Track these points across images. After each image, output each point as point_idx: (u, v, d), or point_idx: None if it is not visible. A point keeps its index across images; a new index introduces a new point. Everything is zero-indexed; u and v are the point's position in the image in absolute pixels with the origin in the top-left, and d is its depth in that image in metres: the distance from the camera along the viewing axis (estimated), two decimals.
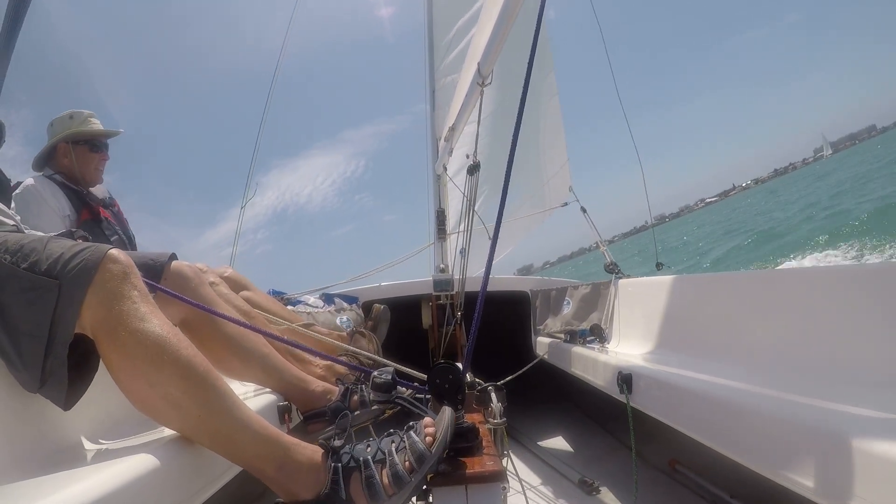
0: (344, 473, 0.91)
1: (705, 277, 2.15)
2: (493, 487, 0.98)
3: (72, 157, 2.20)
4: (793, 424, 0.91)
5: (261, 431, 0.91)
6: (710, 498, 1.72)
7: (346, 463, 0.92)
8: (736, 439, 1.08)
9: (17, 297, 0.84)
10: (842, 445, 0.80)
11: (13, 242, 0.90)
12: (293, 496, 0.90)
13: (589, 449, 2.51)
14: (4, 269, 0.86)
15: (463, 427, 1.07)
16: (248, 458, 0.91)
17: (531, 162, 4.28)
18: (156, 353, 0.84)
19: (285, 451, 0.92)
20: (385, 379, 1.18)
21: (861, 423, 0.82)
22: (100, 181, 2.32)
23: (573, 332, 2.46)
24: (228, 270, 1.96)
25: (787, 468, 0.91)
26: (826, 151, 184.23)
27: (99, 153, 2.28)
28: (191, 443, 0.92)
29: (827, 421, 0.87)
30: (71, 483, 0.68)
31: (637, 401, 1.54)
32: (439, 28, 4.21)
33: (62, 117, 2.24)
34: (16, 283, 0.85)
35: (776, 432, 0.95)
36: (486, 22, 1.91)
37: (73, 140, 2.21)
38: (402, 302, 3.16)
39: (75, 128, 2.22)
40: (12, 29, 1.06)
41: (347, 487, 0.90)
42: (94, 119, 2.29)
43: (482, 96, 2.07)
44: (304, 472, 0.92)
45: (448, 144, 2.96)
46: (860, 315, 1.21)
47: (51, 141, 2.21)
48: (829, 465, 0.83)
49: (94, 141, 2.26)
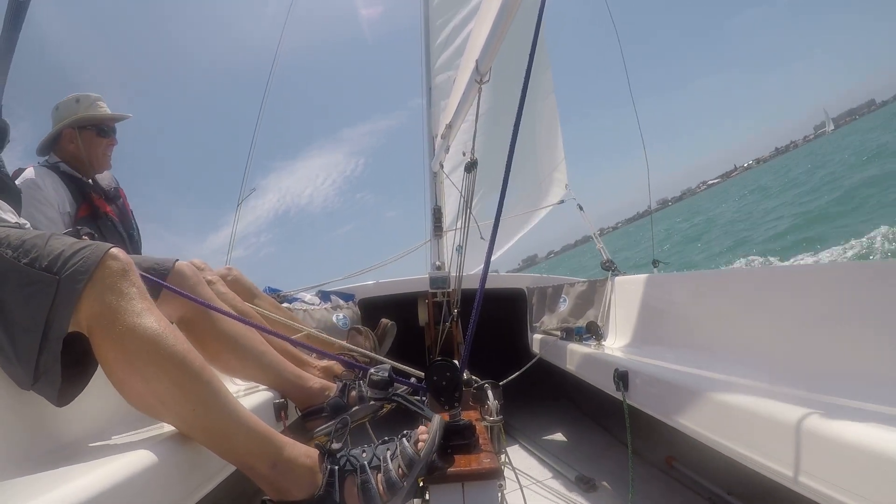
0: (339, 476, 0.91)
1: (701, 275, 2.15)
2: (490, 485, 0.98)
3: (78, 142, 2.12)
4: (789, 421, 0.91)
5: (254, 428, 0.92)
6: (706, 494, 1.73)
7: (343, 466, 0.93)
8: (732, 436, 1.09)
9: (16, 292, 0.85)
10: (839, 442, 0.81)
11: (15, 238, 0.91)
12: (284, 495, 0.90)
13: (585, 446, 2.51)
14: (5, 264, 0.87)
15: (460, 425, 1.07)
16: (240, 455, 0.91)
17: (527, 159, 4.29)
18: (151, 349, 0.85)
19: (279, 450, 0.92)
20: (382, 376, 1.18)
21: (858, 420, 0.82)
22: (108, 167, 2.25)
23: (570, 330, 2.46)
24: (234, 272, 1.95)
25: (783, 465, 0.91)
26: (828, 127, 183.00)
27: (107, 138, 2.19)
28: (186, 441, 0.91)
29: (823, 417, 0.87)
30: (67, 480, 0.68)
31: (633, 398, 1.54)
32: (435, 26, 4.20)
33: (68, 101, 2.15)
34: (15, 278, 0.86)
35: (772, 429, 0.95)
36: (485, 19, 1.91)
37: (80, 125, 2.13)
38: (398, 299, 3.16)
39: (82, 112, 2.13)
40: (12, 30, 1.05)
41: (342, 491, 0.90)
42: (101, 103, 2.20)
43: (480, 94, 2.06)
44: (298, 472, 0.92)
45: (445, 142, 2.96)
46: (858, 312, 1.21)
47: (56, 127, 2.12)
48: (826, 462, 0.83)
49: (101, 125, 2.17)
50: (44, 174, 2.03)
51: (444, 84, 4.05)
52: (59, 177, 2.07)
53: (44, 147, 2.16)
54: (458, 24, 4.00)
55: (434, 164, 3.65)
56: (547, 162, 4.38)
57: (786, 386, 1.12)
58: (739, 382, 1.22)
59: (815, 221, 13.68)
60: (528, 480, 2.10)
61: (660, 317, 2.13)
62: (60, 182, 2.06)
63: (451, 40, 4.04)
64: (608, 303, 2.47)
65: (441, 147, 3.13)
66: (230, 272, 1.92)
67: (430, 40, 4.23)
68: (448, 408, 1.08)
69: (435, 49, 4.19)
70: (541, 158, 4.37)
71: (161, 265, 1.29)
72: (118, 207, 2.26)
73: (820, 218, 13.86)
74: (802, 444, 0.88)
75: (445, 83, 4.01)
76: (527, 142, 4.19)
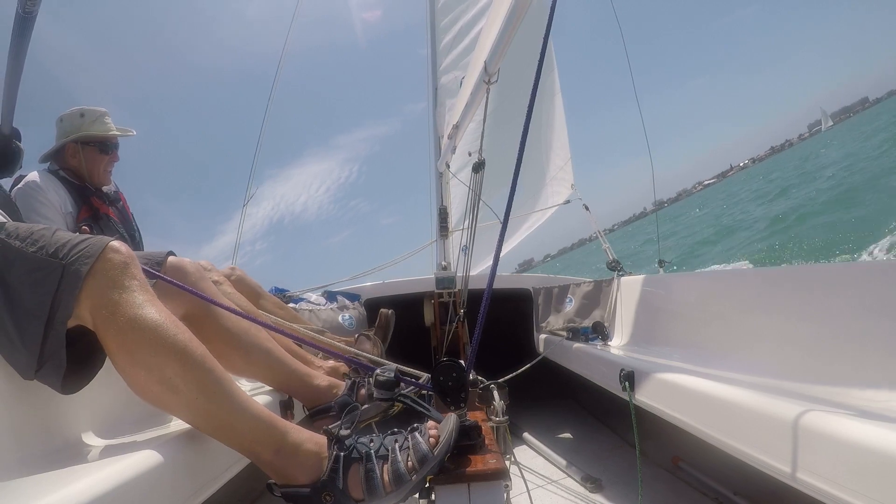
0: (345, 463, 0.91)
1: (707, 275, 2.14)
2: (496, 485, 0.98)
3: (80, 158, 2.15)
4: (796, 421, 0.90)
5: (258, 415, 0.92)
6: (713, 495, 1.72)
7: (349, 453, 0.92)
8: (739, 436, 1.08)
9: (24, 278, 0.89)
10: (846, 442, 0.80)
11: (24, 229, 0.95)
12: (289, 480, 0.90)
13: (591, 446, 2.51)
14: (14, 252, 0.91)
15: (466, 425, 1.07)
16: (245, 442, 0.91)
17: (533, 160, 4.28)
18: (152, 338, 0.86)
19: (283, 435, 0.92)
20: (388, 377, 1.18)
21: (865, 421, 0.82)
22: (108, 183, 2.27)
23: (576, 330, 2.45)
24: (238, 272, 1.95)
25: (790, 465, 0.91)
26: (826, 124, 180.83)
27: (108, 155, 2.22)
28: (192, 441, 0.92)
29: (831, 418, 0.86)
30: (74, 480, 0.68)
31: (640, 398, 1.54)
32: (440, 26, 4.20)
33: (72, 114, 2.17)
34: (24, 265, 0.89)
35: (780, 430, 0.94)
36: (494, 20, 1.91)
37: (83, 141, 2.15)
38: (404, 299, 3.16)
39: (85, 129, 2.15)
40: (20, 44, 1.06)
41: (346, 478, 0.90)
42: (107, 118, 2.22)
43: (488, 94, 2.07)
44: (302, 456, 0.92)
45: (452, 142, 2.96)
46: (863, 313, 1.21)
47: (59, 141, 2.15)
48: (834, 463, 0.83)
49: (104, 143, 2.20)
50: (45, 178, 2.07)
51: (449, 84, 4.05)
52: (60, 181, 2.11)
53: (46, 157, 2.19)
54: (465, 25, 4.00)
55: (440, 165, 3.65)
56: (553, 162, 4.38)
57: (792, 386, 1.11)
58: (746, 382, 1.21)
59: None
60: (535, 481, 2.10)
61: (666, 317, 2.12)
62: (61, 186, 2.10)
63: (459, 40, 4.04)
64: (614, 303, 2.47)
65: (448, 147, 3.13)
66: (234, 272, 1.92)
67: (436, 40, 4.24)
68: (454, 408, 1.08)
69: (441, 49, 4.19)
70: (547, 158, 4.36)
71: (153, 257, 1.28)
72: (118, 210, 2.29)
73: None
74: (810, 444, 0.87)
75: (451, 83, 4.01)
76: (532, 142, 4.19)
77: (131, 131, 2.30)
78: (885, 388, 1.02)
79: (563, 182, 4.36)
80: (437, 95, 4.17)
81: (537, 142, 4.28)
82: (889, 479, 0.72)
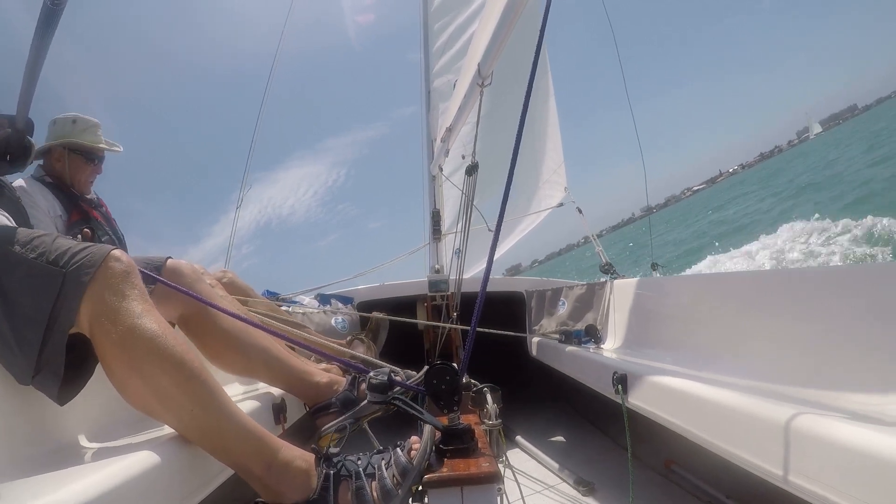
0: (334, 481, 0.92)
1: (700, 278, 2.15)
2: (489, 489, 0.97)
3: (65, 163, 2.19)
4: (788, 424, 0.91)
5: (250, 430, 0.92)
6: (705, 498, 1.73)
7: (338, 471, 0.93)
8: (732, 440, 1.09)
9: (23, 283, 0.89)
10: (838, 445, 0.80)
11: (24, 235, 0.95)
12: (278, 498, 0.91)
13: (584, 449, 2.51)
14: (14, 257, 0.90)
15: (458, 428, 1.06)
16: (235, 456, 0.91)
17: (527, 162, 4.29)
18: (150, 350, 0.86)
19: (274, 452, 0.92)
20: (381, 380, 1.17)
21: (857, 424, 0.82)
22: (88, 192, 2.31)
23: (568, 333, 2.46)
24: (229, 274, 1.94)
25: (782, 468, 0.91)
26: (814, 131, 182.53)
27: (93, 166, 2.27)
28: (185, 444, 0.91)
29: (823, 421, 0.87)
30: (68, 482, 0.68)
31: (632, 401, 1.54)
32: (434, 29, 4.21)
33: (65, 119, 2.21)
34: (23, 270, 0.89)
35: (772, 433, 0.95)
36: (488, 22, 1.92)
37: (71, 148, 2.19)
38: (397, 302, 3.16)
39: (75, 136, 2.19)
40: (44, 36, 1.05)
41: (336, 495, 0.91)
42: (98, 131, 2.26)
43: (482, 97, 2.07)
44: (293, 474, 0.92)
45: (445, 145, 2.96)
46: (854, 315, 1.22)
47: (48, 142, 2.18)
48: (825, 466, 0.83)
49: (91, 154, 2.24)
50: (33, 184, 2.11)
51: (442, 87, 4.06)
52: (47, 187, 2.14)
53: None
54: (458, 28, 4.00)
55: (433, 168, 3.66)
56: (546, 165, 4.39)
57: (785, 389, 1.12)
58: (738, 385, 1.22)
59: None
60: (528, 484, 2.09)
61: (658, 320, 2.13)
62: (49, 192, 2.13)
63: (452, 43, 4.04)
64: (607, 306, 2.47)
65: (441, 150, 3.13)
66: (225, 275, 1.92)
67: (429, 43, 4.24)
68: (447, 411, 1.08)
69: (434, 52, 4.20)
70: (540, 162, 4.37)
71: (152, 262, 1.29)
72: (102, 215, 2.34)
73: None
74: (801, 447, 0.88)
75: (444, 86, 4.01)
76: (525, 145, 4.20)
77: (119, 147, 2.35)
78: (877, 391, 1.03)
79: (556, 185, 4.37)
80: (430, 99, 4.18)
81: (531, 144, 4.29)
82: (880, 481, 0.73)
